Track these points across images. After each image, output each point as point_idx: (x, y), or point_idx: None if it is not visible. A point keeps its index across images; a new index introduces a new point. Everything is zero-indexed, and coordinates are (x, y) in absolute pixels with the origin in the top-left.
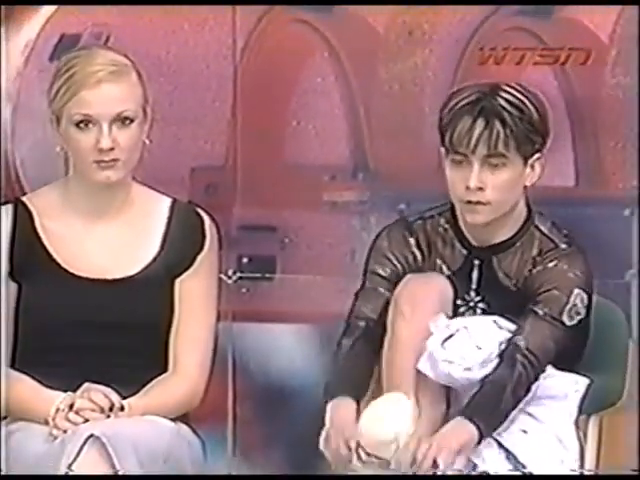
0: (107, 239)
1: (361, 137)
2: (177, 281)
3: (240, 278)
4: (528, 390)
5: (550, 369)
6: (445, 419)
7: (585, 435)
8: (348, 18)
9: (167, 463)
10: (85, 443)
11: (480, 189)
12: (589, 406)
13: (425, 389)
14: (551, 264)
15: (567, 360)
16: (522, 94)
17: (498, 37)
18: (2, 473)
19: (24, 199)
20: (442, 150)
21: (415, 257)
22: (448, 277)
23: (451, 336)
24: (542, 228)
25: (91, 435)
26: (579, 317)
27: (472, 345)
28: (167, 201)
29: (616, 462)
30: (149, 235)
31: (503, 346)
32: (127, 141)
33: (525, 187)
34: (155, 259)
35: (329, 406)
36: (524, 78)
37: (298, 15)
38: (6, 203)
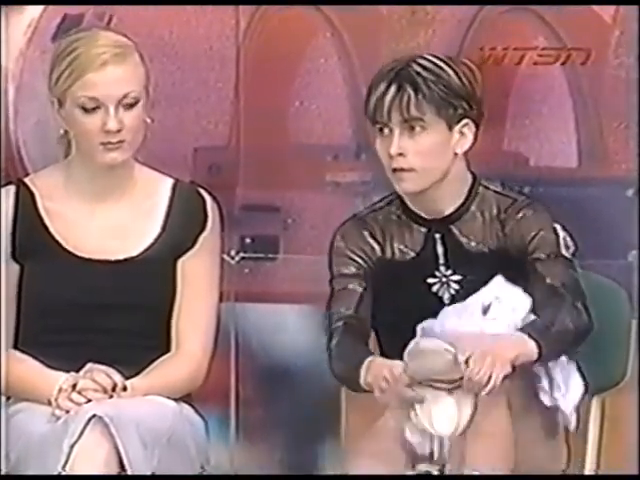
0: (109, 220)
1: (364, 117)
2: (179, 261)
3: (243, 258)
4: (586, 330)
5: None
6: None
7: (588, 417)
8: None
9: (170, 443)
10: (88, 423)
11: (401, 154)
12: (592, 387)
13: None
14: (519, 214)
15: None
16: (441, 60)
17: (500, 17)
18: (2, 473)
19: (26, 180)
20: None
21: (373, 248)
22: (413, 259)
23: (486, 310)
24: (493, 187)
25: (94, 415)
26: (573, 247)
27: (509, 310)
28: (169, 181)
29: (618, 444)
30: (151, 216)
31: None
32: (133, 122)
33: (456, 154)
34: (157, 239)
35: (363, 369)
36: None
37: None
38: (9, 184)
